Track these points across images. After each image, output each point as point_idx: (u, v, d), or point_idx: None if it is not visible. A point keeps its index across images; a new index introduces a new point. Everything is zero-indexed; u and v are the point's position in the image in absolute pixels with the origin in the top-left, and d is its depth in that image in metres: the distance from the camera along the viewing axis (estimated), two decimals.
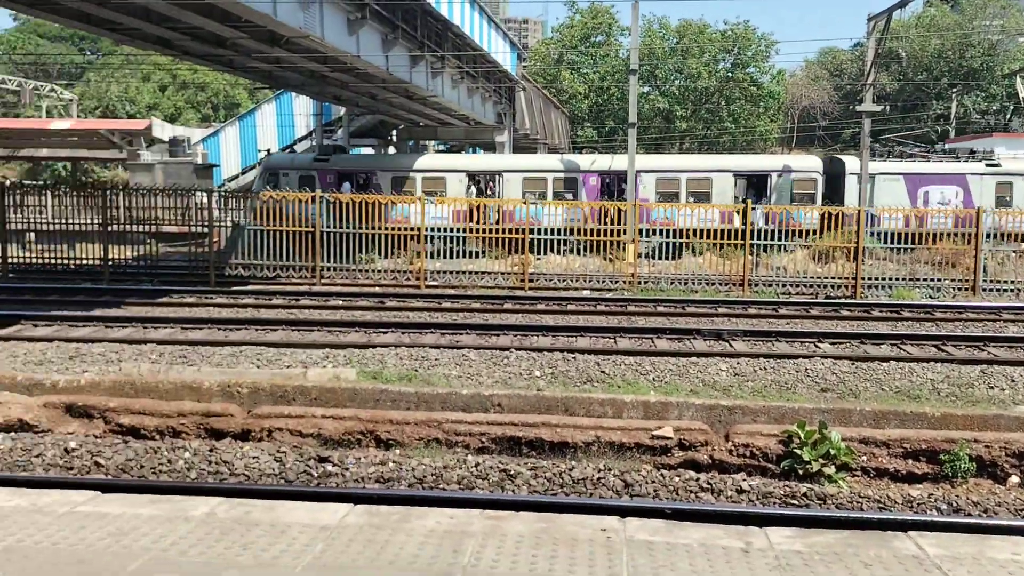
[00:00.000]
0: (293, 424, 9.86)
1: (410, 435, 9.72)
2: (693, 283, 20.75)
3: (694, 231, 21.92)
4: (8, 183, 25.94)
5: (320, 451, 9.23)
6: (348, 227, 21.32)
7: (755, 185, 29.05)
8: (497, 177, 29.28)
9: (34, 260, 22.43)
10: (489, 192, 29.70)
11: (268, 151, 36.74)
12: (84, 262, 22.02)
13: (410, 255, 21.43)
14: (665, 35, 56.66)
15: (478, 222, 22.54)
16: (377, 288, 19.96)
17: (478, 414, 10.08)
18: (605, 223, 22.68)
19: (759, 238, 21.51)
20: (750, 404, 10.24)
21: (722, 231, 21.43)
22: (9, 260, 21.76)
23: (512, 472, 8.44)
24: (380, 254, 21.68)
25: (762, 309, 17.34)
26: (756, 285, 20.60)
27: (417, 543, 4.45)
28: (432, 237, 21.70)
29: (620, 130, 52.50)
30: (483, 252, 22.40)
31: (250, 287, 19.55)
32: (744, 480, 8.55)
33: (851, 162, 28.94)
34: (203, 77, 67.97)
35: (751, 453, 9.30)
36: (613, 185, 29.05)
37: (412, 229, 21.34)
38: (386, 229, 21.48)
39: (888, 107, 53.40)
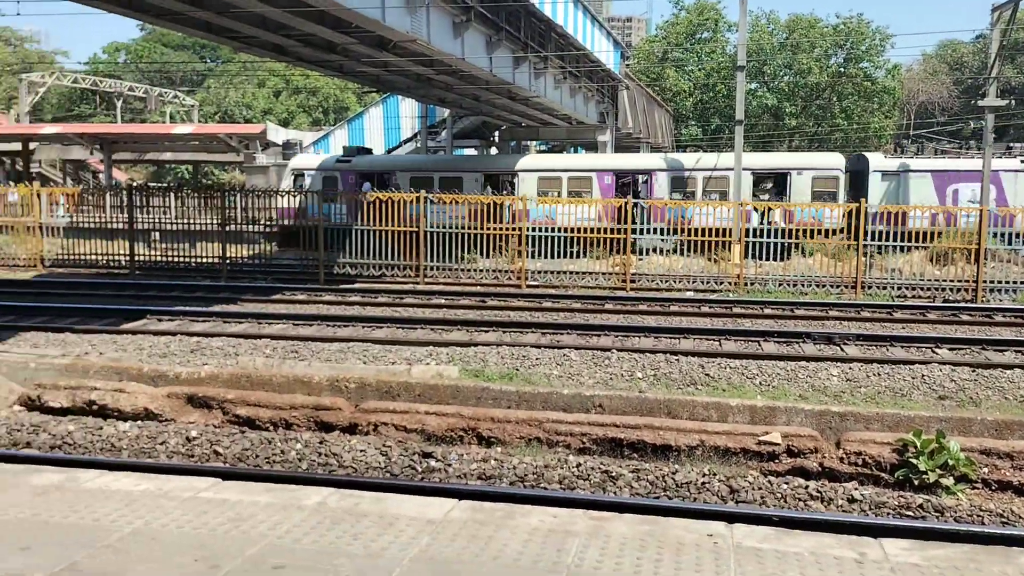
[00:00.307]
0: (398, 419, 10.07)
1: (511, 433, 9.79)
2: (802, 285, 20.14)
3: (708, 230, 21.54)
4: (135, 185, 27.50)
5: (424, 447, 9.40)
6: (452, 227, 21.64)
7: (775, 183, 28.63)
8: (513, 177, 29.63)
9: (158, 258, 23.68)
10: (505, 192, 29.89)
11: (297, 149, 38.21)
12: (204, 260, 23.12)
13: (511, 255, 21.59)
14: (774, 30, 55.17)
15: (493, 222, 22.25)
16: (478, 287, 20.19)
17: (579, 414, 10.07)
18: (623, 222, 22.39)
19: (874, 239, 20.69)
20: (862, 411, 9.87)
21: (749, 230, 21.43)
22: (136, 258, 23.06)
23: (614, 474, 8.40)
24: (481, 254, 21.93)
25: (876, 312, 16.70)
26: (869, 287, 19.84)
27: (521, 540, 4.49)
28: (534, 237, 21.79)
29: (726, 128, 51.45)
30: (583, 252, 22.36)
31: (357, 285, 20.09)
32: (856, 489, 8.25)
33: (875, 159, 28.19)
34: (314, 82, 70.34)
35: (863, 462, 8.96)
36: (630, 184, 29.12)
37: (514, 229, 21.49)
38: (486, 229, 21.70)
39: (1013, 101, 50.40)
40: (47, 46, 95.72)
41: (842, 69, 53.21)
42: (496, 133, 39.61)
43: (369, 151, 34.98)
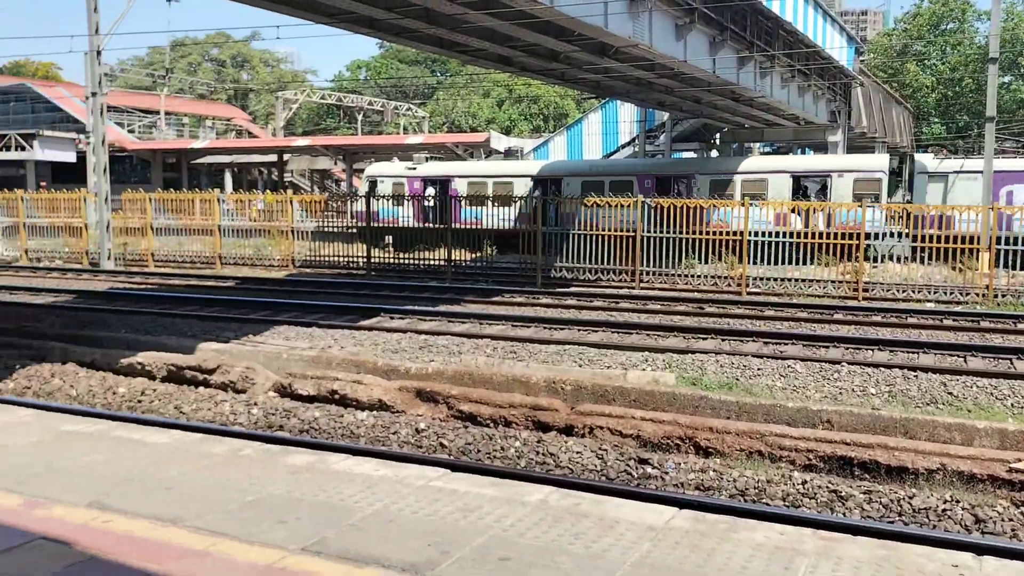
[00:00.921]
0: (613, 423, 10.09)
1: (730, 445, 9.51)
2: None
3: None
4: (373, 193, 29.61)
5: (639, 452, 9.36)
6: (667, 232, 21.40)
7: (817, 186, 27.76)
8: (559, 181, 30.94)
9: (391, 260, 25.32)
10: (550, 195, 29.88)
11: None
12: (431, 263, 24.43)
13: (731, 260, 20.98)
14: None
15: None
16: (696, 293, 19.80)
17: (804, 429, 9.60)
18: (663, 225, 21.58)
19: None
20: None
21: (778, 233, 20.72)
22: (372, 260, 24.79)
23: (843, 494, 7.94)
24: (699, 259, 21.48)
25: None
26: None
27: (745, 555, 4.37)
28: (753, 242, 21.03)
29: (975, 125, 47.04)
30: (810, 258, 21.30)
31: (572, 289, 20.38)
32: None
33: (923, 160, 27.27)
34: (535, 91, 72.26)
35: None
36: (669, 186, 29.12)
37: (733, 234, 20.95)
38: (705, 234, 21.25)
39: None
40: (299, 66, 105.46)
41: None
42: (717, 135, 38.66)
43: (440, 158, 38.99)
